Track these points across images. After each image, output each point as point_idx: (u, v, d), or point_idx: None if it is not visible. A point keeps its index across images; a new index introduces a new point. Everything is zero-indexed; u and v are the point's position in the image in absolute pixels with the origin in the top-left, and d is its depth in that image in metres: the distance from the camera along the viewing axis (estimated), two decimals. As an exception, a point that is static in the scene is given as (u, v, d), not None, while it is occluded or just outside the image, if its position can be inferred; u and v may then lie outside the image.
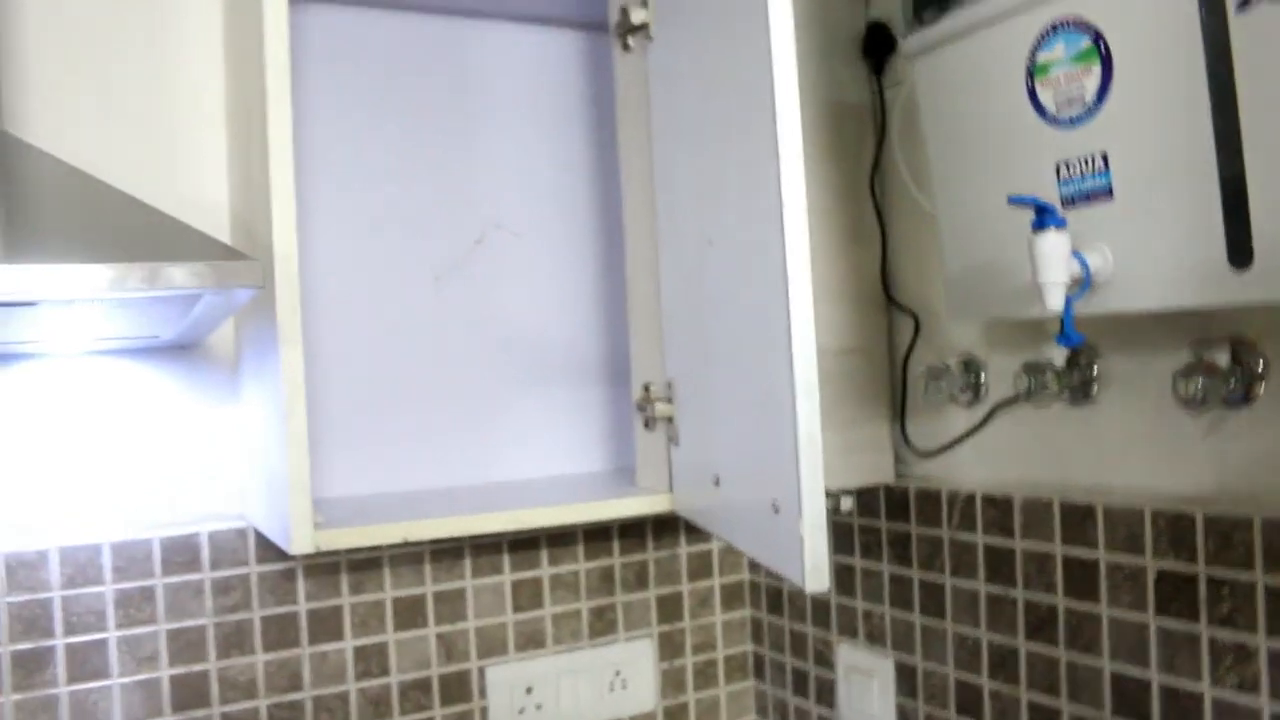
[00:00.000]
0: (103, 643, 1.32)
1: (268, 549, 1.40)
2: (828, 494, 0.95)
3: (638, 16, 1.27)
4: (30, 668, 1.29)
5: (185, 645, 1.36)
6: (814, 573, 0.92)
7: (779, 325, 0.93)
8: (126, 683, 1.33)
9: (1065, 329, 0.93)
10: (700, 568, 1.68)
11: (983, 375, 1.30)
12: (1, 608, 1.28)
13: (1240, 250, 0.84)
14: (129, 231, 1.01)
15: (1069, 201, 0.94)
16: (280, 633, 1.41)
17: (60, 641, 1.30)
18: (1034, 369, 1.17)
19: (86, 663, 1.31)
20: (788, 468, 0.94)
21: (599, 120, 1.62)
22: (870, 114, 1.40)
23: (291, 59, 1.39)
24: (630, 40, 1.32)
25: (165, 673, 1.35)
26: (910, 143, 1.36)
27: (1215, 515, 1.03)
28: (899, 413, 1.41)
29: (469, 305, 1.54)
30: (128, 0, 1.37)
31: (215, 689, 1.38)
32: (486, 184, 1.55)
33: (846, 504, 0.97)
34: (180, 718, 1.36)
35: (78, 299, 0.94)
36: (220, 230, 1.39)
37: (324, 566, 1.43)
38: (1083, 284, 0.93)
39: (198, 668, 1.37)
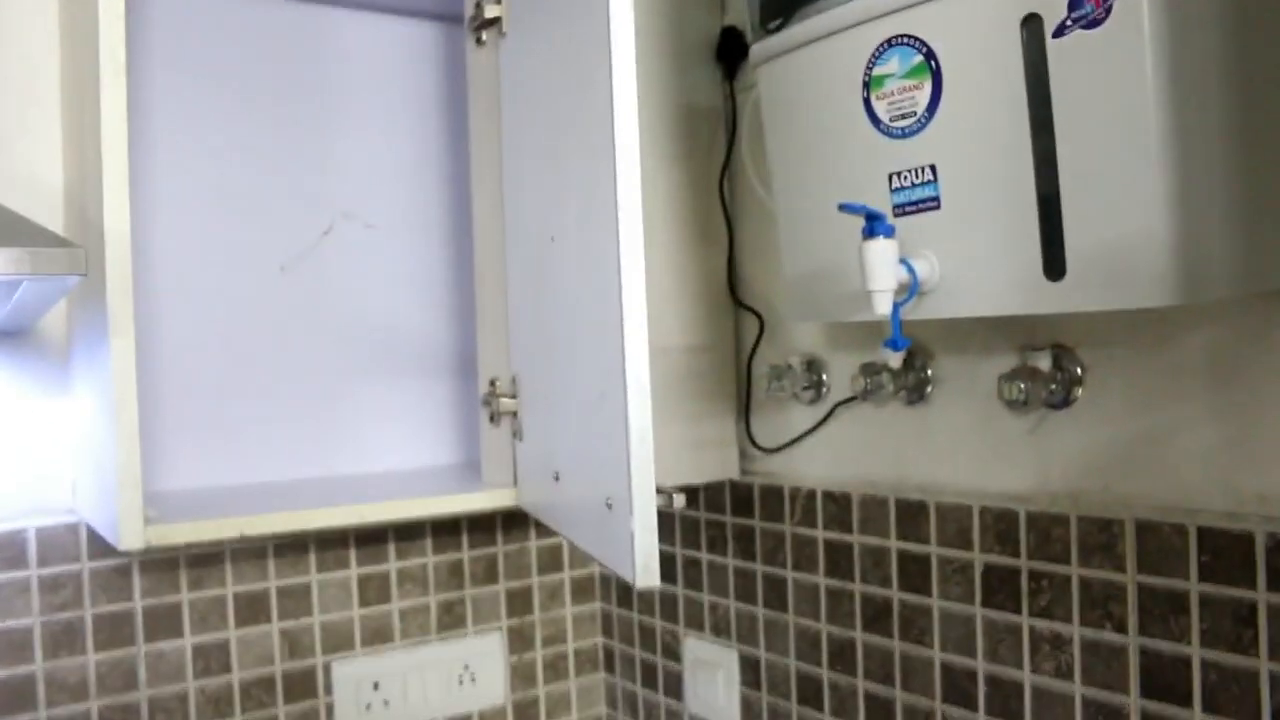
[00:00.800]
0: (-81, 643, 1.27)
1: (101, 544, 1.35)
2: (661, 491, 0.97)
3: (491, 11, 1.27)
4: None
5: (9, 646, 1.31)
6: (644, 570, 0.93)
7: (613, 323, 0.94)
8: (-55, 684, 1.28)
9: (893, 334, 0.96)
10: (550, 561, 1.68)
11: (824, 374, 1.33)
12: None
13: (1055, 263, 0.88)
14: (-56, 216, 0.97)
15: (900, 210, 0.97)
16: (114, 631, 1.37)
17: None
18: (871, 370, 1.20)
19: (-100, 664, 1.26)
20: (620, 465, 0.95)
21: (455, 114, 1.60)
22: (722, 117, 1.42)
23: (134, 32, 1.35)
24: (484, 35, 1.31)
25: (-12, 673, 1.30)
26: (759, 146, 1.37)
27: (1036, 512, 1.08)
28: (744, 410, 1.44)
29: (316, 295, 1.51)
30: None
31: (42, 691, 1.33)
32: (338, 174, 1.52)
33: (679, 501, 0.98)
34: (3, 721, 1.31)
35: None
36: (54, 212, 1.33)
37: (162, 562, 1.39)
38: (910, 290, 0.96)
39: (23, 669, 1.32)
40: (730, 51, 1.40)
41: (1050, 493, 1.08)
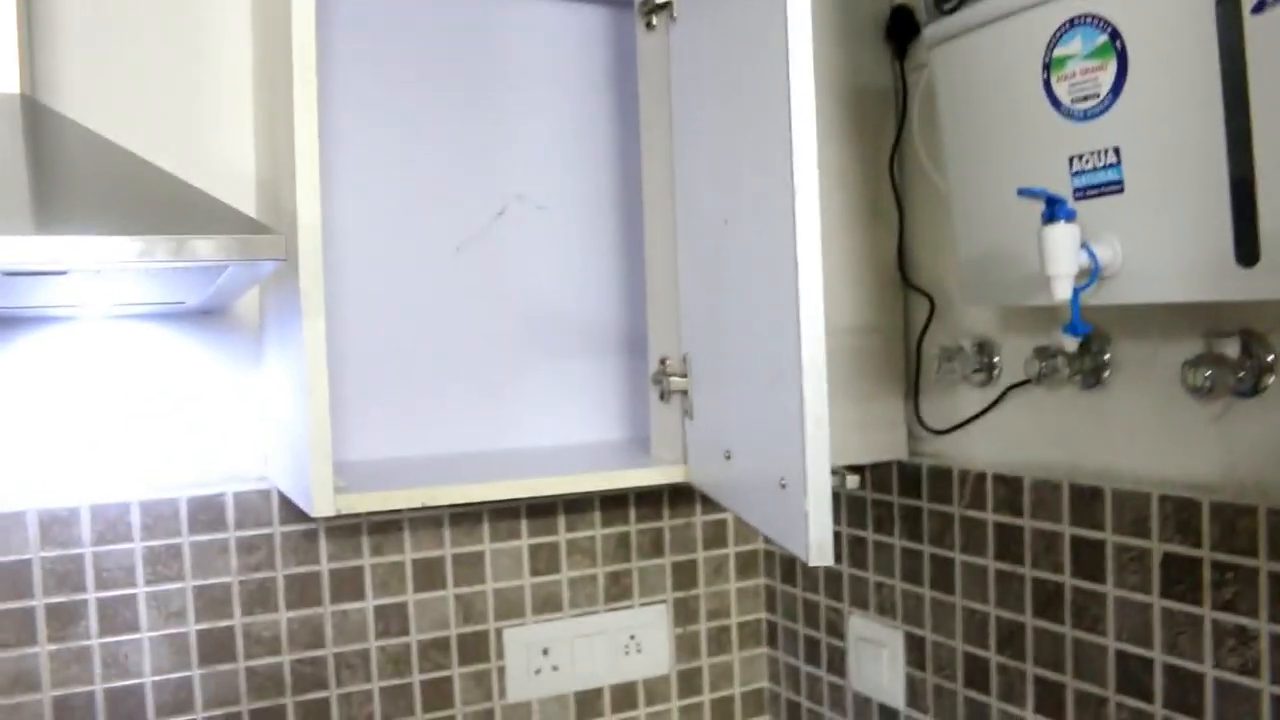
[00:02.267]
0: (132, 598, 1.37)
1: (290, 510, 1.43)
2: (835, 471, 0.97)
3: (661, -4, 1.28)
4: (64, 620, 1.33)
5: (211, 601, 1.40)
6: (818, 548, 0.94)
7: (788, 306, 0.95)
8: (155, 636, 1.38)
9: (1072, 320, 0.94)
10: (715, 536, 1.71)
11: (996, 357, 1.31)
12: (36, 563, 1.32)
13: (1247, 248, 0.85)
14: (156, 203, 1.04)
15: (1081, 194, 0.95)
16: (303, 591, 1.45)
17: (92, 595, 1.35)
18: (1046, 354, 1.18)
19: (117, 616, 1.36)
20: (794, 446, 0.96)
21: (624, 96, 1.62)
22: (892, 97, 1.41)
23: (320, 30, 1.41)
24: (654, 19, 1.32)
25: (192, 628, 1.40)
26: (930, 127, 1.36)
27: (1221, 502, 1.05)
28: (913, 391, 1.43)
29: (490, 276, 1.56)
30: (163, -28, 1.39)
31: (240, 644, 1.42)
32: (510, 156, 1.56)
33: (852, 482, 0.99)
34: (206, 671, 1.40)
35: (105, 269, 0.96)
36: (246, 200, 1.41)
37: (345, 528, 1.47)
38: (1091, 276, 0.94)
39: (223, 623, 1.41)
40: (901, 31, 1.38)
41: (1237, 482, 1.05)
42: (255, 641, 1.43)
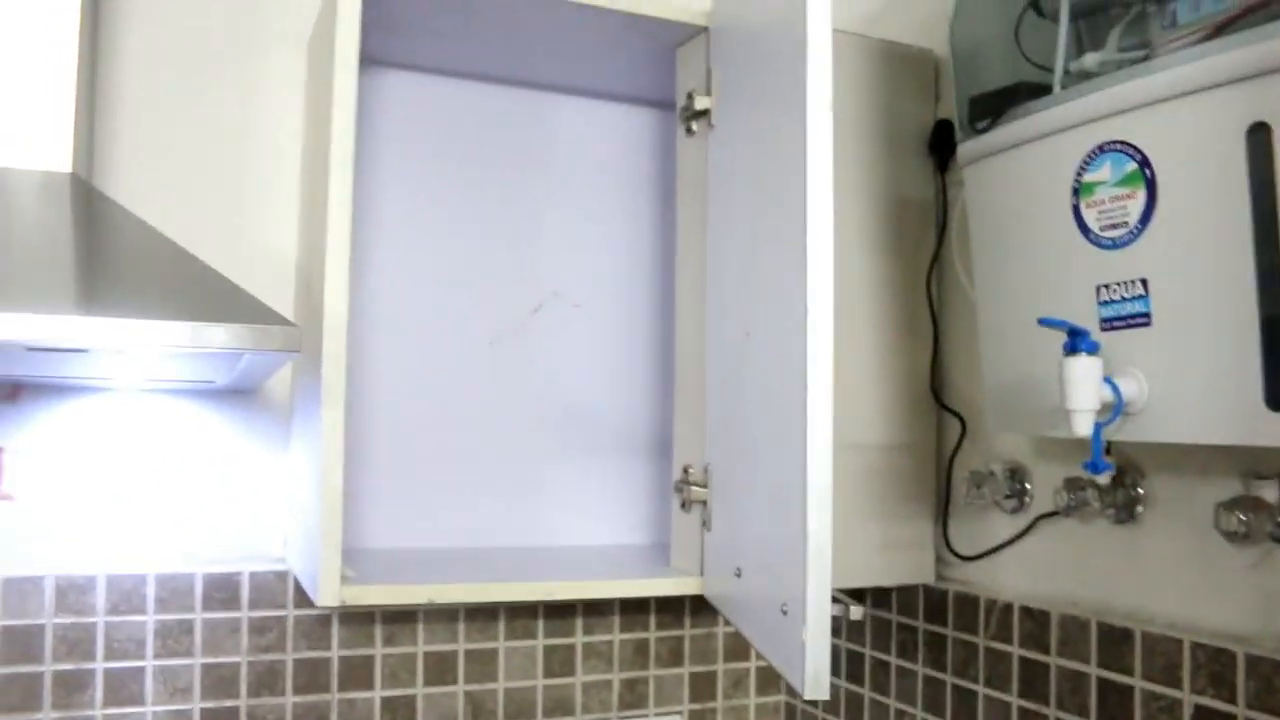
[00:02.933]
0: (140, 670, 1.36)
1: (304, 593, 1.42)
2: (838, 600, 0.94)
3: (701, 103, 1.28)
4: (71, 688, 1.33)
5: (219, 680, 1.39)
6: (814, 680, 0.91)
7: (797, 426, 0.93)
8: (159, 711, 1.36)
9: (1093, 458, 0.91)
10: (737, 648, 1.66)
11: (1028, 484, 1.27)
12: (49, 628, 1.32)
13: (1278, 390, 0.81)
14: (185, 290, 1.06)
15: (1108, 324, 0.92)
16: (311, 677, 1.43)
17: (100, 665, 1.34)
18: (1075, 485, 1.14)
19: (123, 688, 1.35)
20: (797, 571, 0.92)
21: (665, 198, 1.63)
22: (933, 209, 1.39)
23: (368, 121, 1.44)
24: (694, 125, 1.33)
25: (197, 705, 1.38)
26: (966, 243, 1.34)
27: (1258, 656, 0.99)
28: (942, 514, 1.39)
29: (523, 371, 1.55)
30: (222, 63, 1.43)
31: (244, 727, 1.40)
32: (549, 253, 1.57)
33: (856, 613, 0.94)
34: (209, 751, 1.38)
35: (126, 350, 0.98)
36: (285, 284, 1.43)
37: (359, 616, 1.45)
38: (1114, 411, 0.90)
39: (229, 703, 1.40)
40: (943, 144, 1.37)
41: (1274, 634, 0.99)
42: (259, 725, 1.41)
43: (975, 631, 1.32)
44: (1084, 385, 0.87)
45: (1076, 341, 0.88)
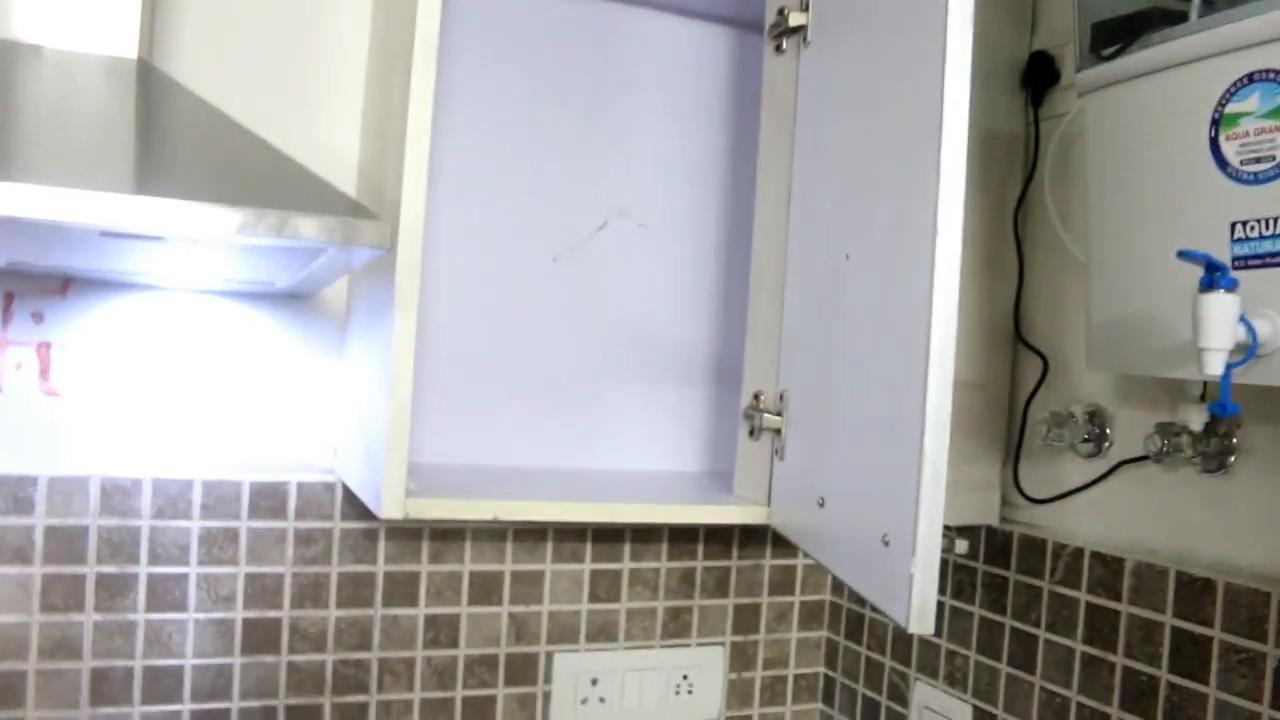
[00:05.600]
0: (184, 577, 1.33)
1: (353, 506, 1.39)
2: (945, 533, 0.91)
3: (796, 20, 1.23)
4: (113, 591, 1.30)
5: (262, 590, 1.37)
6: (919, 614, 0.88)
7: (916, 352, 0.89)
8: (201, 619, 1.34)
9: (1222, 399, 0.87)
10: (783, 581, 1.64)
11: (1108, 428, 1.24)
12: (93, 530, 1.29)
13: None
14: (262, 178, 1.01)
15: (1241, 263, 0.88)
16: (355, 591, 1.41)
17: (144, 570, 1.32)
18: (1169, 430, 1.11)
19: (166, 594, 1.32)
20: (906, 501, 0.89)
21: (739, 120, 1.58)
22: (1022, 146, 1.35)
23: (443, 23, 1.38)
24: (784, 42, 1.28)
25: (240, 614, 1.36)
26: (1062, 181, 1.30)
27: (1350, 612, 0.97)
28: (1013, 455, 1.36)
29: (585, 290, 1.51)
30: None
31: (286, 637, 1.38)
32: (617, 171, 1.52)
33: (961, 546, 0.92)
34: (248, 660, 1.36)
35: (203, 239, 0.93)
36: (346, 185, 1.38)
37: (407, 531, 1.43)
38: (1247, 352, 0.87)
39: (271, 614, 1.37)
40: (1038, 77, 1.32)
41: (1370, 592, 0.97)
42: (301, 636, 1.39)
43: (1040, 575, 1.30)
44: (1220, 323, 0.84)
45: (1215, 277, 0.84)
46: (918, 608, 0.88)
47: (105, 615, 1.30)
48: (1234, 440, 1.09)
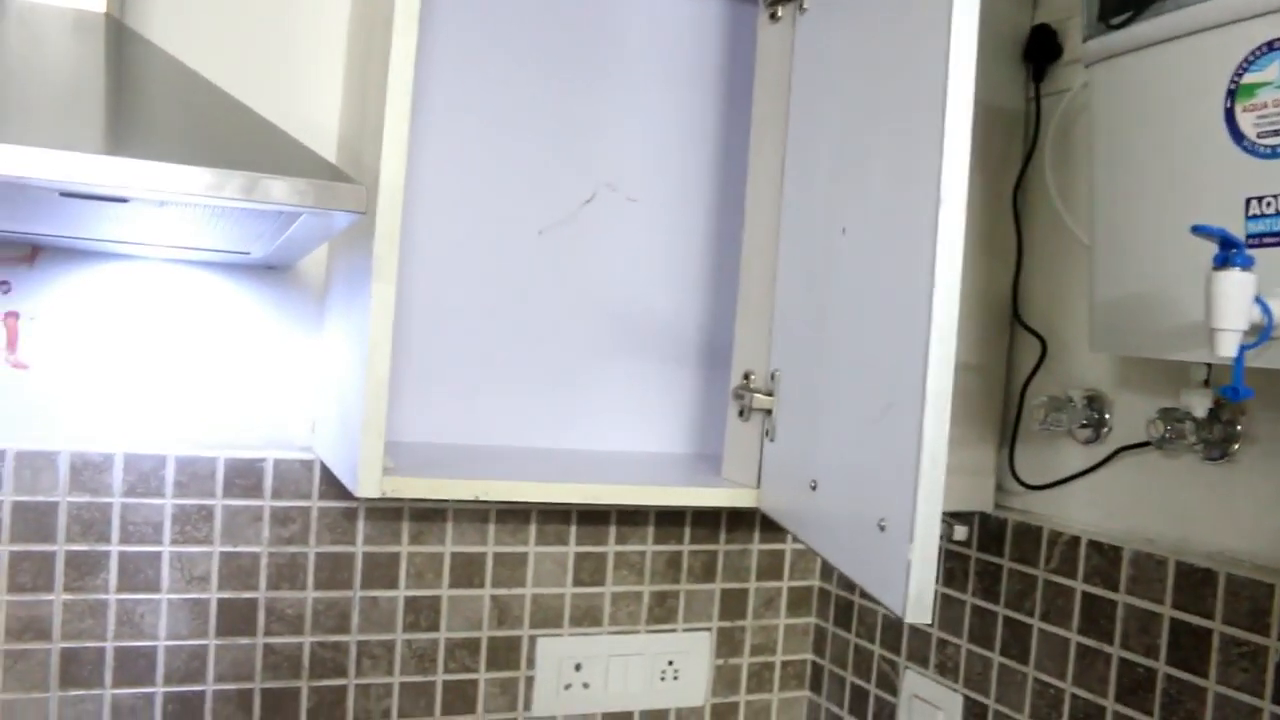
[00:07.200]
0: (156, 556, 1.29)
1: (331, 485, 1.36)
2: (941, 519, 0.87)
3: (793, -16, 1.19)
4: (83, 570, 1.26)
5: (237, 570, 1.33)
6: (916, 602, 0.85)
7: (916, 329, 0.85)
8: (175, 599, 1.30)
9: (1235, 382, 0.84)
10: (771, 567, 1.61)
11: (1107, 413, 1.20)
12: (63, 507, 1.25)
13: None
14: (236, 140, 0.97)
15: (1257, 240, 0.85)
16: (334, 572, 1.37)
17: (115, 548, 1.28)
18: (1172, 416, 1.07)
19: (138, 573, 1.29)
20: (903, 486, 0.86)
21: (731, 91, 1.54)
22: (1022, 121, 1.31)
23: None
24: (780, 10, 1.24)
25: (214, 595, 1.32)
26: (1063, 158, 1.26)
27: (1356, 604, 0.94)
28: (1009, 440, 1.32)
29: (571, 265, 1.47)
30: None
31: (262, 619, 1.34)
32: (607, 143, 1.48)
33: (960, 533, 0.89)
34: (223, 642, 1.33)
35: (172, 200, 0.89)
36: (325, 153, 1.34)
37: (387, 511, 1.39)
38: (1262, 333, 0.83)
39: (247, 594, 1.34)
40: (1040, 51, 1.28)
41: (1378, 584, 0.94)
42: (277, 618, 1.35)
43: (1035, 564, 1.27)
44: (1234, 303, 0.80)
45: (1230, 254, 0.80)
46: (915, 596, 0.85)
47: (75, 595, 1.26)
48: (1238, 427, 1.06)
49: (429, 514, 1.41)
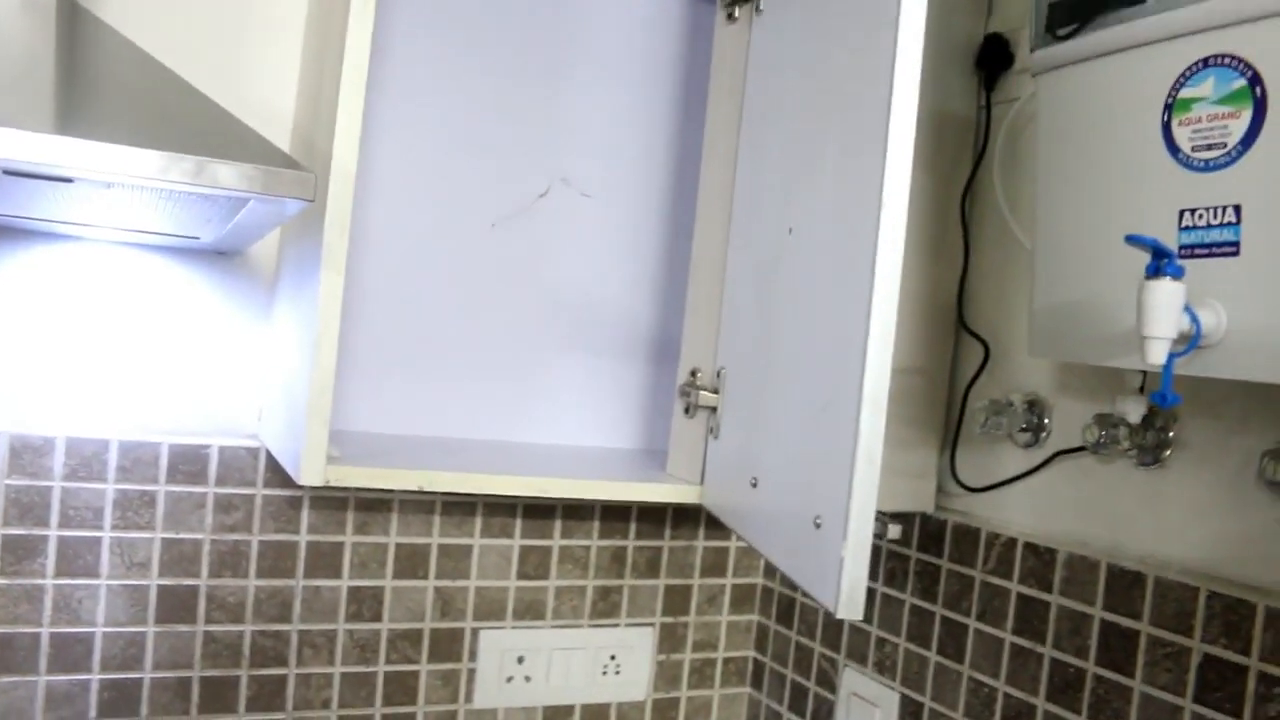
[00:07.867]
0: (96, 541, 1.28)
1: (276, 473, 1.35)
2: (877, 517, 0.89)
3: (749, -14, 1.20)
4: (20, 554, 1.25)
5: (178, 557, 1.32)
6: (849, 599, 0.86)
7: (855, 330, 0.87)
8: (114, 585, 1.29)
9: (1164, 389, 0.86)
10: (715, 563, 1.62)
11: (1046, 418, 1.23)
12: (0, 490, 1.23)
13: (1371, 334, 0.77)
14: (186, 123, 0.96)
15: (1188, 251, 0.87)
16: (276, 560, 1.37)
17: (54, 533, 1.26)
18: (1107, 421, 1.09)
19: (78, 559, 1.27)
20: (839, 483, 0.87)
21: (688, 90, 1.55)
22: (973, 129, 1.33)
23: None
24: (737, 10, 1.25)
25: (155, 581, 1.31)
26: (1011, 166, 1.28)
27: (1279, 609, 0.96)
28: (951, 443, 1.34)
29: (523, 258, 1.48)
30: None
31: (203, 606, 1.33)
32: (562, 137, 1.49)
33: (894, 531, 0.90)
34: (162, 629, 1.32)
35: (118, 182, 0.88)
36: (280, 140, 1.33)
37: (332, 500, 1.39)
38: (1190, 342, 0.85)
39: (188, 581, 1.33)
40: (992, 60, 1.30)
41: (1301, 591, 0.96)
42: (218, 606, 1.34)
43: (972, 565, 1.29)
44: (1164, 311, 0.82)
45: (1162, 263, 0.82)
46: (847, 592, 0.86)
47: (10, 579, 1.25)
48: (1170, 434, 1.08)
49: (374, 504, 1.41)
